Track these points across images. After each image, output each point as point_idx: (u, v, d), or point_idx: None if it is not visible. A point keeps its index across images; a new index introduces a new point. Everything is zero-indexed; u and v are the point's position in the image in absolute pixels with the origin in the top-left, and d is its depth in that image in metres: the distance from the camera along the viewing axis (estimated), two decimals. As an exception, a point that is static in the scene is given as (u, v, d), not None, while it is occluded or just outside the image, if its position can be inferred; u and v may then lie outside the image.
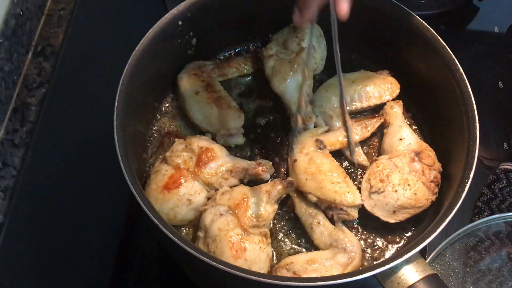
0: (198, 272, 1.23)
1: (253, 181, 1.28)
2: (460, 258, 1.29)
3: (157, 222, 1.03)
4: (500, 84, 1.64)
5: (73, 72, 1.59)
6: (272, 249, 1.22)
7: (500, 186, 1.42)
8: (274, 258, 1.23)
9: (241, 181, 1.26)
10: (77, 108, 1.53)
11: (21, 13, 1.54)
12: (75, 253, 1.33)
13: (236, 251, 1.11)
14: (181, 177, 1.19)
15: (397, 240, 1.26)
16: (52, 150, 1.47)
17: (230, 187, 1.24)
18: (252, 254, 1.12)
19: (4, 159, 1.43)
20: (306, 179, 1.23)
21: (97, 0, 1.76)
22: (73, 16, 1.69)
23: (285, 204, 1.29)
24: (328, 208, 1.23)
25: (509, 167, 1.44)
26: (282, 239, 1.25)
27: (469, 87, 1.24)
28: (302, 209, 1.23)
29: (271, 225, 1.25)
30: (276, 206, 1.21)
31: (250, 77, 1.46)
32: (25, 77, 1.57)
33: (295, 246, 1.24)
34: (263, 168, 1.25)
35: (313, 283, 1.01)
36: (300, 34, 1.39)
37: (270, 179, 1.30)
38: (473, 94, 1.60)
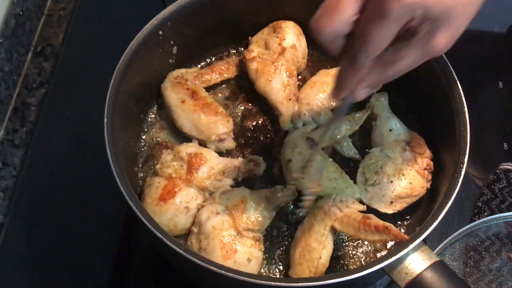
0: (195, 275, 1.22)
1: (248, 180, 1.28)
2: (460, 258, 1.29)
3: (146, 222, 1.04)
4: (500, 84, 1.64)
5: (73, 72, 1.60)
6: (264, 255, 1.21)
7: (500, 186, 1.42)
8: (264, 265, 1.22)
9: (235, 180, 1.26)
10: (77, 108, 1.53)
11: (21, 13, 1.54)
12: (75, 253, 1.33)
13: (227, 251, 1.11)
14: (175, 186, 1.18)
15: (396, 229, 1.27)
16: (52, 150, 1.47)
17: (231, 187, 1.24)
18: (242, 257, 1.12)
19: (4, 159, 1.43)
20: (303, 178, 1.23)
21: (97, 0, 1.76)
22: (73, 16, 1.69)
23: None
24: None
25: (509, 167, 1.44)
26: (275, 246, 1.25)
27: (454, 74, 1.24)
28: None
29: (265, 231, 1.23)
30: (274, 213, 1.21)
31: (234, 81, 1.45)
32: (25, 77, 1.57)
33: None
34: (255, 163, 1.25)
35: (320, 282, 1.02)
36: (280, 34, 1.39)
37: (266, 181, 1.31)
38: (473, 94, 1.61)
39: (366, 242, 1.25)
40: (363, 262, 1.24)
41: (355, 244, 1.25)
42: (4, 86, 1.47)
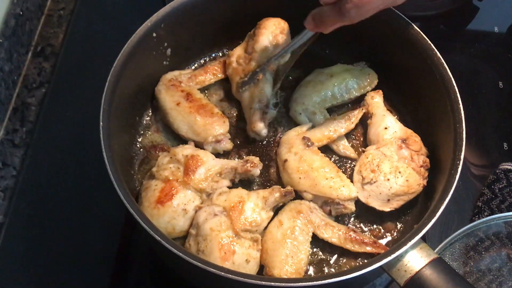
0: (194, 276, 1.22)
1: (245, 181, 1.29)
2: (460, 258, 1.30)
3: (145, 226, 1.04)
4: (500, 84, 1.65)
5: (73, 72, 1.60)
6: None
7: (500, 186, 1.43)
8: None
9: (232, 181, 1.26)
10: (77, 108, 1.53)
11: (21, 13, 1.54)
12: (75, 253, 1.33)
13: (225, 253, 1.11)
14: (172, 188, 1.18)
15: (393, 227, 1.27)
16: (51, 150, 1.47)
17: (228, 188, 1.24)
18: (240, 258, 1.12)
19: (4, 159, 1.43)
20: (300, 177, 1.24)
21: (97, 0, 1.76)
22: (73, 16, 1.69)
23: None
24: (325, 204, 1.23)
25: (509, 167, 1.44)
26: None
27: (448, 71, 1.24)
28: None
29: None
30: (271, 214, 1.21)
31: (228, 81, 1.43)
32: (25, 77, 1.57)
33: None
34: (251, 164, 1.25)
35: (320, 282, 1.02)
36: (255, 36, 1.37)
37: (263, 181, 1.31)
38: (473, 94, 1.61)
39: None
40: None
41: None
42: (4, 86, 1.47)
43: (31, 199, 1.40)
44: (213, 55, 1.49)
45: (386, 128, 1.30)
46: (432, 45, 1.27)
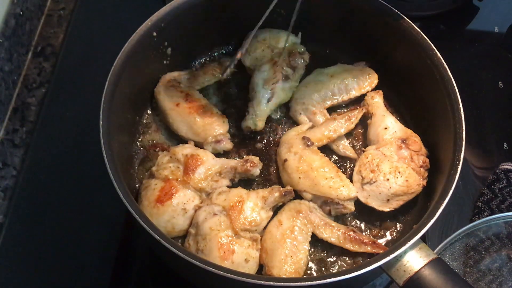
0: (193, 276, 1.23)
1: (244, 180, 1.29)
2: (460, 258, 1.30)
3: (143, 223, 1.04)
4: (500, 84, 1.65)
5: (73, 72, 1.60)
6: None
7: (500, 186, 1.42)
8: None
9: (232, 181, 1.27)
10: (77, 108, 1.53)
11: (21, 13, 1.54)
12: (74, 253, 1.33)
13: (224, 252, 1.12)
14: (172, 187, 1.18)
15: (393, 227, 1.28)
16: (52, 150, 1.47)
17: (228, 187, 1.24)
18: (239, 257, 1.13)
19: (4, 159, 1.43)
20: (299, 177, 1.24)
21: (97, 0, 1.76)
22: (73, 16, 1.69)
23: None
24: (324, 204, 1.23)
25: (509, 167, 1.44)
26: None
27: (448, 71, 1.24)
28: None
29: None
30: (271, 213, 1.21)
31: (227, 81, 1.44)
32: (25, 77, 1.57)
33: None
34: (251, 163, 1.25)
35: (320, 281, 1.02)
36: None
37: (262, 181, 1.31)
38: (473, 94, 1.61)
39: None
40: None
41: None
42: (4, 86, 1.47)
43: (31, 199, 1.40)
44: (213, 54, 1.49)
45: (386, 128, 1.30)
46: (432, 45, 1.27)
